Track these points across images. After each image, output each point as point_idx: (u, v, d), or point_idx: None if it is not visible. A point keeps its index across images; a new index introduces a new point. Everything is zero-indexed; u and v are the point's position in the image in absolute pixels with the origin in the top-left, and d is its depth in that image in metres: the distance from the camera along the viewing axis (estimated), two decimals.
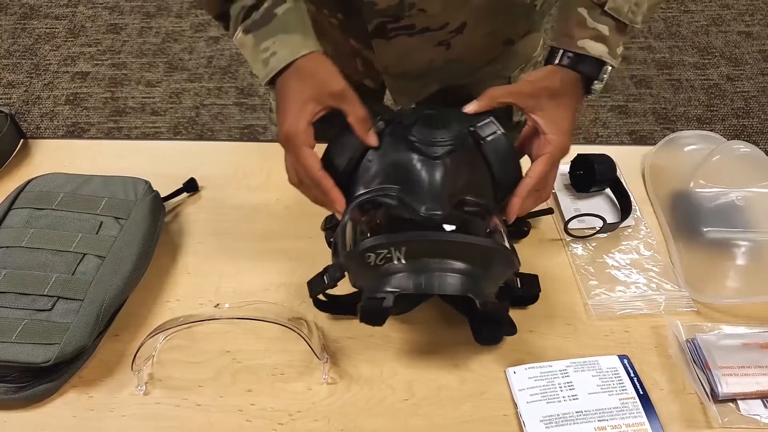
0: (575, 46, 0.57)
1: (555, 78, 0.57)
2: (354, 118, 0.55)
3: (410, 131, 0.56)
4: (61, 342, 0.54)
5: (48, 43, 2.07)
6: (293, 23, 0.56)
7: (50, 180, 0.68)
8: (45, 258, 0.60)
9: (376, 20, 0.66)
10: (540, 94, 0.57)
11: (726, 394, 0.54)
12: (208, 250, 0.67)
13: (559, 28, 0.59)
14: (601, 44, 0.57)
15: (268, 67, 0.55)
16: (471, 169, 0.56)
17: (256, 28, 0.56)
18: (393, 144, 0.56)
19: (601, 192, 0.73)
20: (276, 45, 0.55)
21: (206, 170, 0.75)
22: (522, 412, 0.54)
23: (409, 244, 0.51)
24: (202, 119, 1.84)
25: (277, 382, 0.57)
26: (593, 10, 0.57)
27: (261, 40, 0.56)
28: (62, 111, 1.86)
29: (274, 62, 0.55)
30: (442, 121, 0.57)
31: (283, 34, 0.55)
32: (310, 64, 0.55)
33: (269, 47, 0.55)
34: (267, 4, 0.56)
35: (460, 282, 0.52)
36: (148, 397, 0.55)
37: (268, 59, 0.55)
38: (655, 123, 1.82)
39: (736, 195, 0.66)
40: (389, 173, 0.56)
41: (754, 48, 2.06)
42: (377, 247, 0.51)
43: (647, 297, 0.63)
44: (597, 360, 0.57)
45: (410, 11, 0.64)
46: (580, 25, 0.57)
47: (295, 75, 0.55)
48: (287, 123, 0.54)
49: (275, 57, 0.55)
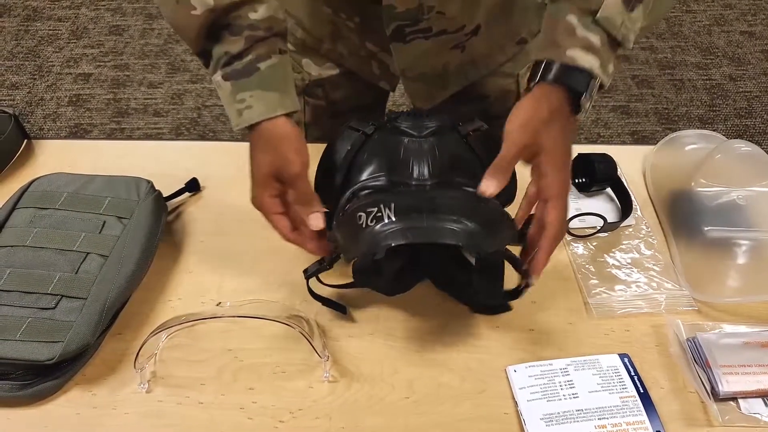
0: (563, 56, 0.52)
1: (542, 109, 0.52)
2: (298, 203, 0.57)
3: (398, 121, 0.60)
4: (65, 340, 0.55)
5: (51, 44, 2.08)
6: (274, 80, 0.56)
7: (54, 180, 0.68)
8: (49, 257, 0.60)
9: (394, 24, 0.66)
10: (535, 137, 0.52)
11: (726, 393, 0.54)
12: (210, 249, 0.68)
13: (545, 38, 0.54)
14: (591, 56, 0.51)
15: (241, 118, 0.56)
16: (457, 152, 0.58)
17: (236, 78, 0.55)
18: (382, 138, 0.59)
19: (601, 191, 0.73)
20: (252, 99, 0.55)
21: (208, 170, 0.75)
22: (522, 411, 0.54)
23: (397, 199, 0.53)
24: (204, 120, 1.85)
25: (278, 380, 0.57)
26: (584, 18, 0.52)
27: (238, 90, 0.55)
28: (65, 112, 1.87)
29: (247, 115, 0.55)
30: (428, 113, 0.61)
31: (262, 90, 0.55)
32: (275, 134, 0.56)
33: (245, 99, 0.55)
34: (251, 56, 0.55)
35: (452, 232, 0.51)
36: (150, 395, 0.56)
37: (243, 111, 0.55)
38: (657, 123, 1.82)
39: (737, 194, 0.66)
40: (380, 162, 0.58)
41: (757, 48, 2.06)
42: (369, 205, 0.53)
43: (648, 296, 0.63)
44: (597, 358, 0.57)
45: (429, 14, 0.65)
46: (568, 34, 0.52)
47: (260, 141, 0.56)
48: (254, 192, 0.57)
49: (250, 111, 0.55)
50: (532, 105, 0.53)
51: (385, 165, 0.58)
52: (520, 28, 0.72)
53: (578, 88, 0.52)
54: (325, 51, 0.76)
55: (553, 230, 0.53)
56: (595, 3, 0.52)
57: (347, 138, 0.61)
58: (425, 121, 0.60)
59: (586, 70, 0.52)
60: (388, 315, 0.62)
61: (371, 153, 0.59)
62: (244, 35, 0.54)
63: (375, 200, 0.53)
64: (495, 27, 0.69)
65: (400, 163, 0.57)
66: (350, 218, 0.54)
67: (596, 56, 0.52)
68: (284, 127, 0.56)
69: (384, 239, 0.51)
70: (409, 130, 0.59)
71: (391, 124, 0.60)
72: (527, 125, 0.52)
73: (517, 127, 0.52)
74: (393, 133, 0.59)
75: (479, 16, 0.66)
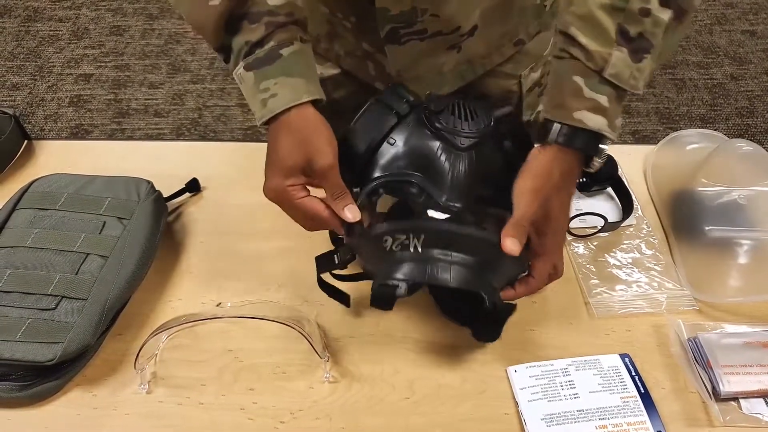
0: (571, 119, 0.51)
1: (555, 174, 0.53)
2: (331, 198, 0.54)
3: (437, 119, 0.55)
4: (65, 341, 0.55)
5: (52, 45, 2.08)
6: (297, 66, 0.54)
7: (54, 180, 0.68)
8: (49, 258, 0.60)
9: (388, 26, 0.66)
10: (546, 203, 0.53)
11: (728, 393, 0.54)
12: (211, 249, 0.68)
13: (551, 97, 0.54)
14: (599, 116, 0.51)
15: (266, 109, 0.53)
16: (493, 165, 0.56)
17: (258, 66, 0.53)
18: (417, 130, 0.56)
19: (602, 191, 0.73)
20: (277, 87, 0.53)
21: (208, 170, 0.75)
22: (523, 411, 0.54)
23: (428, 233, 0.52)
24: (204, 121, 1.84)
25: (279, 381, 0.57)
26: (590, 79, 0.51)
27: (262, 79, 0.53)
28: (66, 113, 1.87)
29: (272, 104, 0.53)
30: (469, 111, 0.56)
31: (286, 76, 0.53)
32: (305, 123, 0.53)
33: (269, 88, 0.53)
34: (272, 42, 0.53)
35: (474, 277, 0.52)
36: (150, 396, 0.56)
37: (267, 100, 0.53)
38: (658, 123, 1.81)
39: (738, 194, 0.66)
40: (411, 158, 0.55)
41: (759, 47, 2.05)
42: (398, 231, 0.52)
43: (649, 296, 0.63)
44: (598, 359, 0.57)
45: (423, 16, 0.64)
46: (575, 95, 0.51)
47: (288, 131, 0.53)
48: (273, 183, 0.54)
49: (275, 99, 0.53)
50: (545, 168, 0.53)
51: (414, 165, 0.55)
52: (518, 29, 0.72)
53: (588, 150, 0.53)
54: (323, 51, 0.76)
55: (534, 283, 0.57)
56: (600, 61, 0.50)
57: (377, 114, 0.56)
58: (465, 122, 0.55)
59: (594, 132, 0.52)
60: (389, 315, 0.61)
61: (405, 143, 0.55)
62: (264, 21, 0.53)
63: (405, 228, 0.52)
64: (491, 28, 0.68)
65: (433, 171, 0.54)
66: (377, 239, 0.53)
67: (603, 116, 0.52)
68: (314, 115, 0.54)
69: (408, 272, 0.52)
70: (447, 135, 0.55)
71: (428, 113, 0.56)
72: (540, 191, 0.53)
73: (530, 191, 0.53)
74: (429, 130, 0.55)
75: (475, 17, 0.66)
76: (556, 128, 0.52)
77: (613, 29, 0.50)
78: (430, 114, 0.56)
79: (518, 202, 0.53)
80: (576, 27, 0.51)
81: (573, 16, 0.51)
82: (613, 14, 0.50)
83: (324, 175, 0.53)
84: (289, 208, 0.55)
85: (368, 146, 0.56)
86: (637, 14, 0.50)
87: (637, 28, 0.51)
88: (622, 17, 0.50)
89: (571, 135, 0.52)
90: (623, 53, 0.51)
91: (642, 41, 0.51)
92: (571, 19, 0.51)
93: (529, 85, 0.79)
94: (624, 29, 0.50)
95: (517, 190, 0.53)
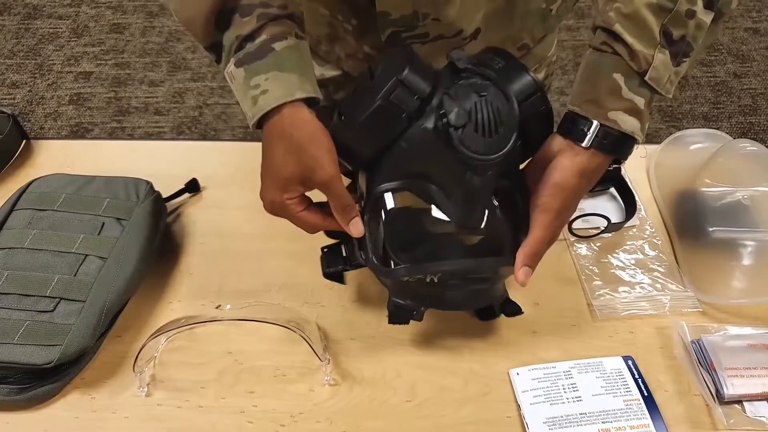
0: (605, 118, 0.49)
1: (582, 183, 0.51)
2: (336, 211, 0.51)
3: (458, 136, 0.47)
4: (63, 343, 0.54)
5: (51, 43, 2.08)
6: (291, 62, 0.49)
7: (52, 181, 0.68)
8: (47, 259, 0.60)
9: (389, 30, 0.65)
10: (565, 216, 0.53)
11: (732, 396, 0.53)
12: (210, 250, 0.67)
13: (583, 91, 0.51)
14: (634, 118, 0.50)
15: (256, 107, 0.49)
16: (511, 175, 0.54)
17: (249, 61, 0.49)
18: (434, 138, 0.49)
19: (605, 191, 0.72)
20: (268, 82, 0.48)
21: (208, 170, 0.75)
22: (525, 414, 0.53)
23: (443, 270, 0.52)
24: (205, 119, 1.84)
25: (279, 384, 0.56)
26: (631, 79, 0.49)
27: (252, 75, 0.49)
28: (66, 111, 1.86)
29: (262, 101, 0.48)
30: (495, 125, 0.47)
31: (278, 71, 0.49)
32: (300, 128, 0.49)
33: (260, 84, 0.49)
34: (264, 36, 0.49)
35: (488, 294, 0.56)
36: (150, 399, 0.55)
37: (258, 97, 0.48)
38: (661, 121, 1.81)
39: (742, 194, 0.65)
40: (426, 167, 0.51)
41: (762, 45, 2.04)
42: (413, 274, 0.52)
43: (652, 297, 0.62)
44: (601, 361, 0.57)
45: (424, 21, 0.63)
46: (613, 94, 0.49)
47: (281, 136, 0.49)
48: (270, 196, 0.51)
49: (265, 96, 0.48)
50: (574, 181, 0.51)
51: (430, 176, 0.51)
52: (522, 34, 0.71)
53: (620, 155, 0.52)
54: (323, 53, 0.75)
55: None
56: (644, 63, 0.49)
57: (385, 117, 0.49)
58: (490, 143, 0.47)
59: (627, 134, 0.50)
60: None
61: (419, 150, 0.50)
62: (256, 14, 0.49)
63: (422, 271, 0.52)
64: (495, 32, 0.67)
65: (449, 186, 0.51)
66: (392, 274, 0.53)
67: (638, 118, 0.50)
68: (309, 118, 0.49)
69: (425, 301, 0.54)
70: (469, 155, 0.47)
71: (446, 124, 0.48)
72: (563, 209, 0.52)
73: (554, 210, 0.51)
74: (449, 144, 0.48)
75: (478, 21, 0.65)
76: (594, 129, 0.50)
77: (657, 29, 0.49)
78: (449, 126, 0.47)
79: (538, 219, 0.52)
80: (621, 25, 0.49)
81: (618, 14, 0.49)
82: (659, 14, 0.49)
83: (326, 187, 0.50)
84: (289, 219, 0.53)
85: (373, 152, 0.51)
86: (683, 16, 0.49)
87: (680, 30, 0.49)
88: (668, 18, 0.49)
89: (608, 138, 0.50)
90: (665, 56, 0.49)
91: (683, 44, 0.50)
92: (615, 17, 0.49)
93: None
94: (668, 31, 0.49)
95: (542, 205, 0.51)
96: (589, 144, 0.50)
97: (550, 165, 0.52)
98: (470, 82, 0.49)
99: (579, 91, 0.52)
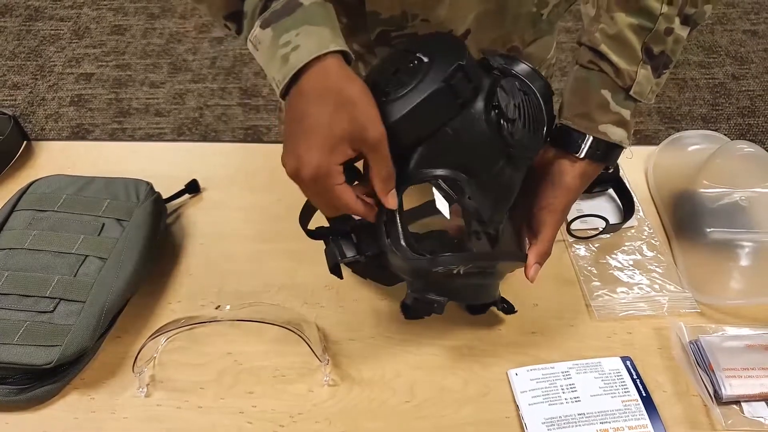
0: (596, 131, 0.54)
1: (581, 188, 0.56)
2: (378, 177, 0.47)
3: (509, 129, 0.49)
4: (63, 344, 0.54)
5: (53, 44, 2.08)
6: (320, 17, 0.47)
7: (53, 182, 0.68)
8: (47, 260, 0.60)
9: (378, 29, 0.65)
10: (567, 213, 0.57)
11: (729, 396, 0.53)
12: (210, 251, 0.67)
13: (574, 106, 0.55)
14: (622, 129, 0.55)
15: (288, 65, 0.45)
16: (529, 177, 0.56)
17: (276, 19, 0.46)
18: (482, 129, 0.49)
19: (603, 192, 0.72)
20: (300, 38, 0.45)
21: (208, 171, 0.75)
22: (524, 414, 0.54)
23: (473, 263, 0.53)
24: (205, 120, 1.84)
25: (279, 384, 0.57)
26: (617, 94, 0.54)
27: (281, 32, 0.45)
28: (67, 112, 1.87)
29: (295, 59, 0.44)
30: (537, 122, 0.51)
31: (309, 25, 0.45)
32: (345, 79, 0.45)
33: (291, 41, 0.45)
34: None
35: (496, 291, 0.58)
36: (149, 399, 0.56)
37: (289, 55, 0.45)
38: (660, 122, 1.81)
39: (739, 195, 0.65)
40: (466, 158, 0.50)
41: (760, 47, 2.05)
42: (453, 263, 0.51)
43: (650, 298, 0.62)
44: (599, 362, 0.57)
45: (413, 21, 0.64)
46: (602, 108, 0.54)
47: (324, 91, 0.45)
48: (315, 159, 0.44)
49: (297, 51, 0.44)
50: (576, 185, 0.56)
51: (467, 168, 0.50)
52: (512, 36, 0.71)
53: (610, 163, 0.57)
54: None
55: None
56: (628, 79, 0.53)
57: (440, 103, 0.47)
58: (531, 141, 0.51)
59: (616, 144, 0.55)
60: (390, 318, 0.61)
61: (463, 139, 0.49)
62: None
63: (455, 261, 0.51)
64: (484, 33, 0.68)
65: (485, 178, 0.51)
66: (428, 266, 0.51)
67: (624, 129, 0.55)
68: (352, 73, 0.46)
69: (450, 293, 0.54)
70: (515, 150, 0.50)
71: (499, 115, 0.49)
72: (567, 208, 0.57)
73: (561, 211, 0.56)
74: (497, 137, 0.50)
75: (468, 22, 0.66)
76: (587, 142, 0.54)
77: (639, 47, 0.53)
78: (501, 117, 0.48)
79: (547, 220, 0.56)
80: (606, 45, 0.53)
81: (603, 35, 0.54)
82: (641, 33, 0.53)
83: (375, 149, 0.45)
84: (320, 192, 0.46)
85: (419, 135, 0.48)
86: (662, 34, 0.53)
87: (660, 47, 0.54)
88: (649, 36, 0.53)
89: (600, 149, 0.55)
90: (647, 71, 0.54)
91: (663, 58, 0.54)
92: (601, 38, 0.54)
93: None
94: (649, 48, 0.53)
95: (549, 206, 0.56)
96: (584, 155, 0.55)
97: (551, 170, 0.56)
98: (513, 81, 0.51)
99: (570, 105, 0.56)
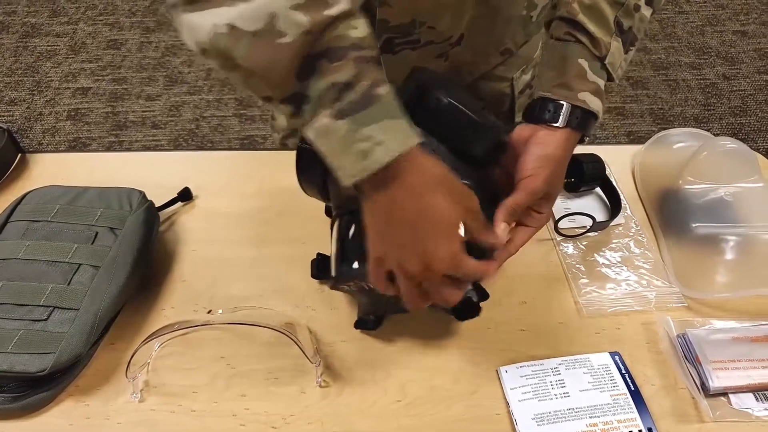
0: (576, 99, 0.54)
1: (564, 158, 0.54)
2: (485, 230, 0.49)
3: None
4: (57, 351, 0.55)
5: (49, 60, 2.10)
6: (397, 108, 0.45)
7: (47, 192, 0.69)
8: (41, 269, 0.61)
9: (384, 36, 0.67)
10: (550, 187, 0.54)
11: (717, 388, 0.54)
12: (202, 257, 0.68)
13: (552, 77, 0.55)
14: (597, 98, 0.54)
15: (370, 159, 0.43)
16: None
17: (354, 112, 0.43)
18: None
19: (590, 191, 0.73)
20: (381, 133, 0.43)
21: (200, 179, 0.76)
22: (514, 411, 0.54)
23: None
24: (202, 131, 1.86)
25: (271, 387, 0.57)
26: (593, 63, 0.54)
27: (360, 126, 0.43)
28: (64, 126, 1.88)
29: (380, 154, 0.43)
30: None
31: (390, 119, 0.44)
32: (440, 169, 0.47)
33: (372, 135, 0.43)
34: (365, 82, 0.43)
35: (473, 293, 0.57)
36: (143, 404, 0.56)
37: (371, 150, 0.43)
38: (653, 123, 1.82)
39: (724, 190, 0.66)
40: None
41: (750, 47, 2.06)
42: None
43: (638, 294, 0.63)
44: (588, 357, 0.58)
45: (420, 28, 0.65)
46: (580, 77, 0.54)
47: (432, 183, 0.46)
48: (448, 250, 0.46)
49: (382, 147, 0.43)
50: (559, 152, 0.54)
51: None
52: (504, 39, 0.73)
53: (586, 132, 0.56)
54: None
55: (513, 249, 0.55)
56: (604, 49, 0.55)
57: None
58: None
59: (593, 113, 0.54)
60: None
61: None
62: (351, 57, 0.43)
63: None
64: (477, 37, 0.69)
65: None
66: None
67: (600, 98, 0.55)
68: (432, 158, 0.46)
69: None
70: None
71: None
72: (548, 179, 0.53)
73: (542, 177, 0.53)
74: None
75: (462, 27, 0.67)
76: (567, 109, 0.53)
77: (612, 20, 0.55)
78: None
79: (523, 183, 0.53)
80: (584, 15, 0.55)
81: (581, 5, 0.55)
82: (614, 6, 0.55)
83: (478, 213, 0.49)
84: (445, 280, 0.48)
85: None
86: (631, 9, 0.55)
87: (629, 22, 0.56)
88: (620, 10, 0.55)
89: (578, 117, 0.54)
90: (619, 43, 0.56)
91: (630, 34, 0.56)
92: (578, 8, 0.55)
93: (521, 87, 0.80)
94: (620, 22, 0.55)
95: (528, 170, 0.53)
96: (565, 123, 0.54)
97: (529, 143, 0.54)
98: None
99: (549, 78, 0.56)
